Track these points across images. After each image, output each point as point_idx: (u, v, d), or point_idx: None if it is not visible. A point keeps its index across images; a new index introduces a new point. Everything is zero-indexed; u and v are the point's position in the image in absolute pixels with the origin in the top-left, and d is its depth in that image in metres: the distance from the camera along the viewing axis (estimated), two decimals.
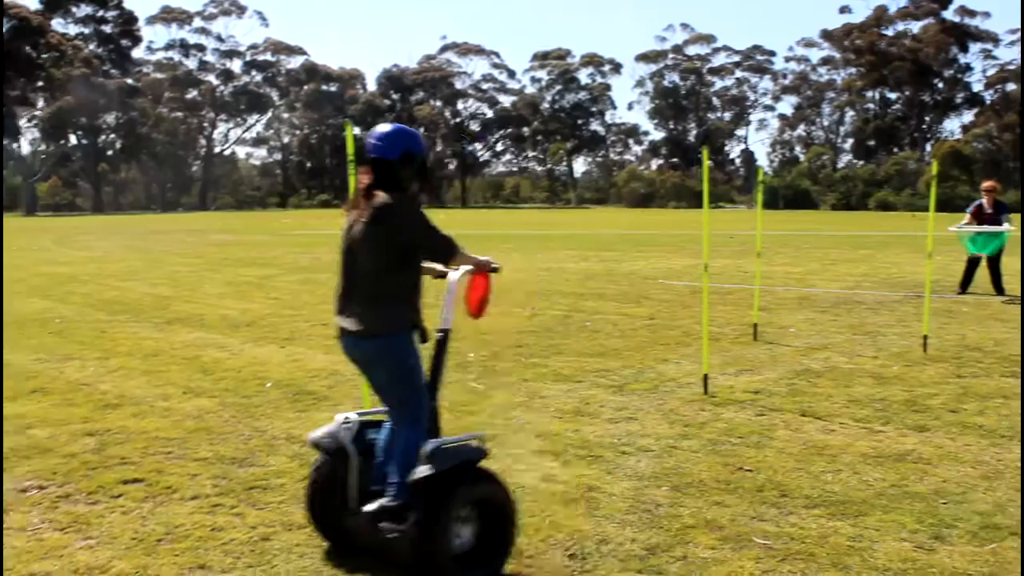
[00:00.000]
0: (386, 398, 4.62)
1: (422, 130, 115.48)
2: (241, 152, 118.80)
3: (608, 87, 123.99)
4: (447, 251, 4.51)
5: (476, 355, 9.69)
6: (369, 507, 4.43)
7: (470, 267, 4.65)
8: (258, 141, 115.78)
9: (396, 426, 4.57)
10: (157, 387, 8.38)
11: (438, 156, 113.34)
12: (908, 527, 4.89)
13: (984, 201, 15.41)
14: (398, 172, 4.46)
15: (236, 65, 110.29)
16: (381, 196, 4.41)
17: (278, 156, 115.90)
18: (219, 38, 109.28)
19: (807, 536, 4.77)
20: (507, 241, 31.24)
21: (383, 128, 4.54)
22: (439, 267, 4.79)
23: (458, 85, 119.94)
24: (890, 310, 13.25)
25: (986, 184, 15.95)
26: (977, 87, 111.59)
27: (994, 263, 15.09)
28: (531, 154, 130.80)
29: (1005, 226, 14.95)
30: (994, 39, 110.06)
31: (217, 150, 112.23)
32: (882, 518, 5.02)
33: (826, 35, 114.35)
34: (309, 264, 21.87)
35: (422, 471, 4.24)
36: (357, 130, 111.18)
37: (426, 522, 4.22)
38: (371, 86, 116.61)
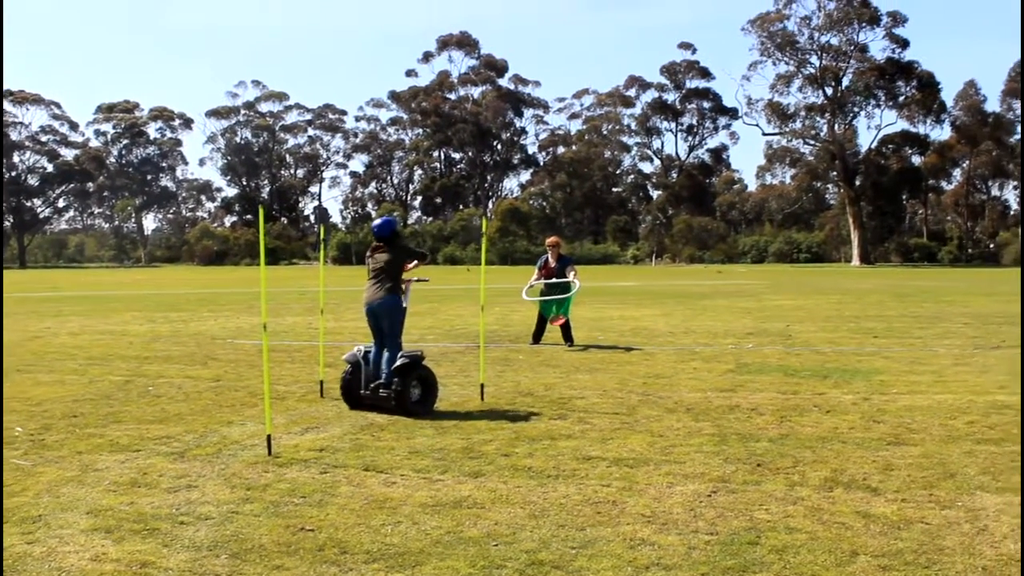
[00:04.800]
0: (388, 332, 9.88)
1: None
2: None
3: (179, 142, 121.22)
4: (415, 261, 10.35)
5: (24, 429, 8.94)
6: (373, 385, 9.69)
7: (415, 280, 10.56)
8: None
9: (389, 347, 9.80)
10: None
11: None
12: (462, 572, 5.06)
13: (549, 256, 16.41)
14: (392, 236, 10.16)
15: None
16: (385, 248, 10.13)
17: None
18: None
19: None
20: (66, 303, 29.30)
21: (384, 218, 10.46)
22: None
23: (13, 136, 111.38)
24: (451, 361, 13.84)
25: (549, 240, 16.95)
26: (532, 149, 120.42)
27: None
28: (97, 210, 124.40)
29: (571, 277, 15.93)
30: (544, 106, 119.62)
31: None
32: (438, 565, 5.16)
33: (394, 96, 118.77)
34: None
35: (400, 363, 9.56)
36: None
37: (400, 387, 9.48)
38: None
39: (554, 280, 16.06)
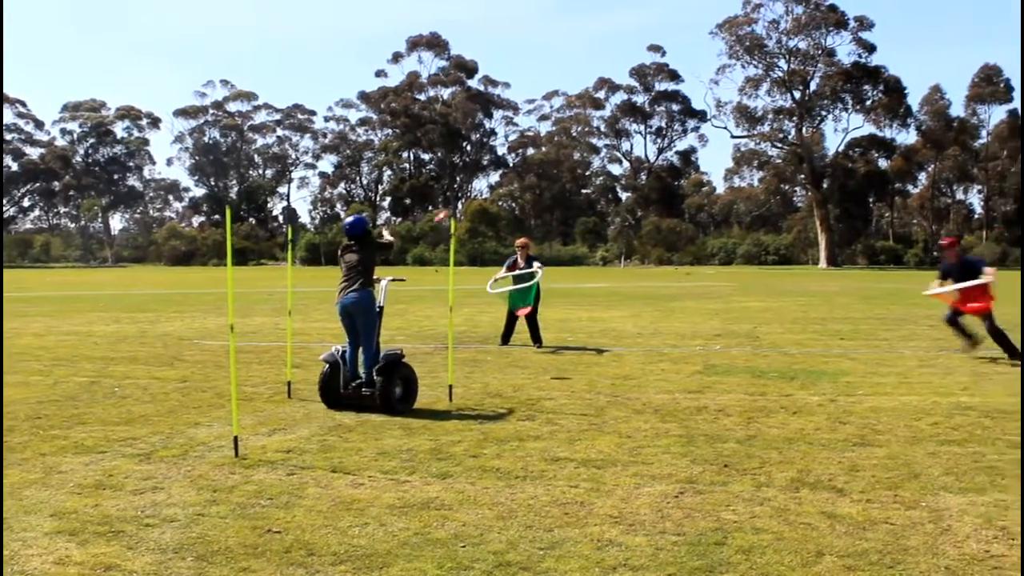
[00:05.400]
0: (363, 331, 9.90)
1: None
2: None
3: (146, 141, 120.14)
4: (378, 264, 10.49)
5: None
6: (355, 384, 9.80)
7: (390, 279, 10.71)
8: None
9: (365, 345, 9.87)
10: None
11: None
12: (429, 573, 5.05)
13: (518, 256, 16.50)
14: (363, 235, 10.16)
15: None
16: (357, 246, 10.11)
17: None
18: None
19: None
20: (31, 304, 29.01)
21: (354, 216, 10.38)
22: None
23: None
24: (420, 362, 13.78)
25: (518, 241, 17.07)
26: (501, 150, 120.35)
27: (531, 316, 16.07)
28: (63, 210, 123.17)
29: (535, 266, 15.99)
30: (514, 107, 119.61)
31: None
32: (405, 567, 5.14)
33: (364, 97, 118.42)
34: None
35: (384, 362, 9.68)
36: None
37: (385, 385, 9.59)
38: None
39: (518, 272, 16.11)
